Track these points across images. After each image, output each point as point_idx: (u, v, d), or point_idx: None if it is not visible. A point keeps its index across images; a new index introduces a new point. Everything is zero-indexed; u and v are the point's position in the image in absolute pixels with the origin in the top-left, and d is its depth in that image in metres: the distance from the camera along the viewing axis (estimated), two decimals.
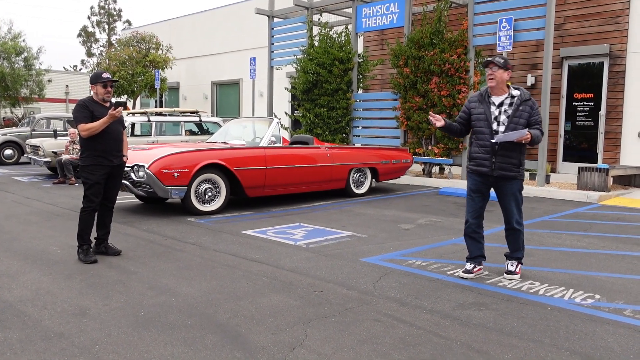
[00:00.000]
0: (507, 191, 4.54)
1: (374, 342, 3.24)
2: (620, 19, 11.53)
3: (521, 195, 4.61)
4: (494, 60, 4.42)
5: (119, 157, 5.26)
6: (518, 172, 4.49)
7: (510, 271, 4.61)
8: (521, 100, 4.41)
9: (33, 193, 9.74)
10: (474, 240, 4.69)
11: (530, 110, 4.40)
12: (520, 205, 4.60)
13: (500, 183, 4.52)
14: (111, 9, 52.12)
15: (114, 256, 5.23)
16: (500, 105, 4.46)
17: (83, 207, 5.14)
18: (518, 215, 4.59)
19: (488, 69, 4.45)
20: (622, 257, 5.39)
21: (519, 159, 4.48)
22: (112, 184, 5.30)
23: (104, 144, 5.09)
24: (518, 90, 4.47)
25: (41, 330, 3.40)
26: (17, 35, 25.24)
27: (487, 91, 4.54)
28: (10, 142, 16.06)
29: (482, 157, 4.51)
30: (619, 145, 11.64)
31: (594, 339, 3.31)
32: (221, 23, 22.02)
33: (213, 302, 3.94)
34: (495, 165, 4.45)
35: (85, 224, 5.12)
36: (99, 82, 5.12)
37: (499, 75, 4.41)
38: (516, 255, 4.65)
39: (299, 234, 6.33)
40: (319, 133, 13.34)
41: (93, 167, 5.09)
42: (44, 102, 28.25)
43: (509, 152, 4.43)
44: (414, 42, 11.81)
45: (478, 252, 4.68)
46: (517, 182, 4.53)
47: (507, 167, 4.45)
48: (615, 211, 8.22)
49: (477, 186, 4.60)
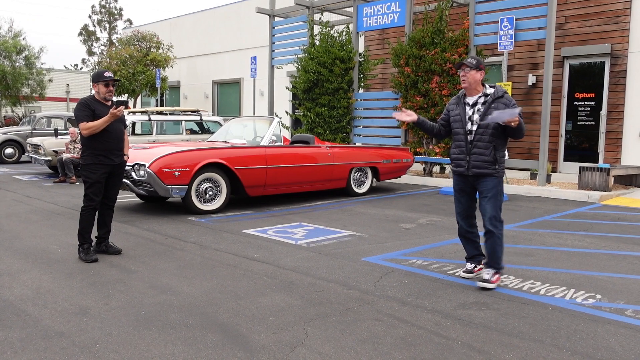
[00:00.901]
0: (483, 188, 4.39)
1: (374, 342, 3.24)
2: (622, 19, 11.52)
3: (501, 194, 4.38)
4: (466, 62, 4.37)
5: (120, 156, 5.26)
6: (494, 169, 4.34)
7: (486, 279, 4.31)
8: (494, 98, 4.35)
9: (34, 192, 9.74)
10: (469, 240, 4.62)
11: (504, 107, 4.30)
12: (498, 204, 4.34)
13: (477, 181, 4.42)
14: (112, 7, 52.10)
15: (114, 255, 5.23)
16: (474, 104, 4.42)
17: (84, 205, 5.14)
18: (492, 214, 4.30)
19: (460, 71, 4.40)
20: (623, 257, 5.38)
21: (494, 156, 4.33)
22: (112, 183, 5.29)
23: (105, 143, 5.09)
24: (493, 88, 4.42)
25: (42, 329, 3.40)
26: (18, 34, 25.24)
27: (464, 92, 4.51)
28: (11, 140, 16.07)
29: (458, 157, 4.48)
30: (620, 145, 11.64)
31: (595, 339, 3.31)
32: (222, 22, 22.02)
33: (214, 301, 3.94)
34: (470, 164, 4.39)
35: (85, 222, 5.11)
36: (101, 80, 5.12)
37: (471, 76, 4.36)
38: (492, 264, 4.36)
39: (299, 234, 6.33)
40: (319, 132, 13.34)
41: (94, 166, 5.08)
42: (44, 101, 28.25)
43: (481, 150, 4.34)
44: (415, 41, 11.80)
45: (475, 251, 4.62)
46: (493, 179, 4.35)
47: (481, 165, 4.34)
48: (617, 211, 8.21)
49: (459, 186, 4.55)
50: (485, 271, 4.40)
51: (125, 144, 5.36)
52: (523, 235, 6.33)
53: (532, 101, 12.77)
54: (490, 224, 4.31)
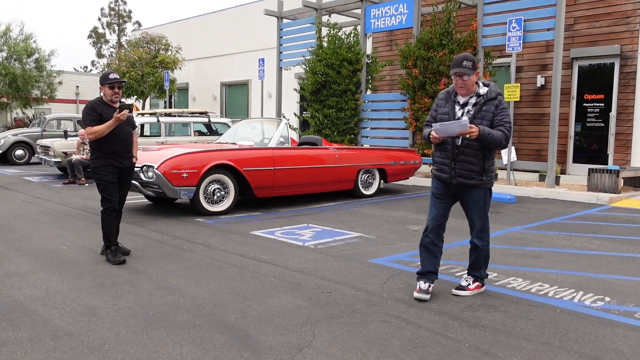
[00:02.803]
0: (469, 200, 4.07)
1: (382, 344, 3.24)
2: (631, 20, 11.44)
3: (488, 205, 4.11)
4: (463, 69, 3.88)
5: (128, 158, 5.26)
6: (481, 180, 3.99)
7: (461, 286, 4.18)
8: (486, 99, 3.96)
9: (43, 193, 9.81)
10: (430, 253, 4.15)
11: (494, 110, 3.94)
12: (485, 216, 4.10)
13: (462, 192, 4.07)
14: (121, 10, 52.44)
15: (123, 256, 5.25)
16: (465, 105, 4.03)
17: (103, 208, 5.13)
18: (480, 228, 4.09)
19: (458, 79, 3.95)
20: (632, 259, 5.34)
21: (482, 165, 3.97)
22: (121, 185, 5.29)
23: (112, 146, 5.08)
24: (486, 87, 4.03)
25: (51, 329, 3.42)
26: (29, 37, 25.43)
27: (454, 89, 4.09)
28: (21, 142, 16.20)
29: (442, 162, 4.08)
30: (630, 147, 11.55)
31: (604, 342, 3.29)
32: (230, 24, 22.09)
33: (221, 302, 3.95)
34: (455, 172, 4.00)
35: (108, 225, 5.11)
36: (107, 83, 5.09)
37: (470, 81, 3.95)
38: (473, 272, 4.21)
39: (307, 235, 6.33)
40: (327, 134, 13.35)
41: (104, 168, 5.08)
42: (54, 102, 28.45)
43: (469, 157, 3.95)
44: (422, 42, 11.79)
45: (432, 267, 4.15)
46: (480, 191, 4.03)
47: (467, 175, 3.97)
48: (626, 213, 8.15)
49: (439, 191, 4.14)
50: (464, 278, 4.26)
51: (134, 146, 5.36)
52: (531, 237, 6.30)
53: (541, 102, 12.71)
54: (477, 237, 4.12)
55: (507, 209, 8.37)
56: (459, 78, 3.94)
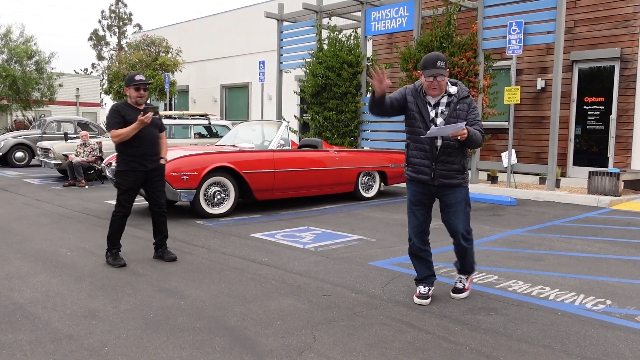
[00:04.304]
0: (451, 201, 3.95)
1: (382, 347, 3.23)
2: (631, 23, 11.45)
3: (468, 204, 4.01)
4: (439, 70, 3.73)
5: (154, 161, 5.14)
6: (463, 179, 3.93)
7: (458, 288, 4.16)
8: (458, 98, 3.86)
9: (43, 195, 9.80)
10: (421, 259, 4.14)
11: (467, 108, 3.86)
12: (467, 216, 4.01)
13: (443, 193, 3.95)
14: (122, 12, 52.53)
15: (169, 262, 5.15)
16: (437, 105, 3.88)
17: (114, 211, 5.10)
18: (464, 228, 3.99)
19: (432, 80, 3.78)
20: (633, 262, 5.34)
21: (462, 163, 3.92)
22: (153, 189, 5.21)
23: (137, 149, 5.00)
24: (455, 86, 3.91)
25: (51, 332, 3.41)
26: (29, 39, 25.46)
27: (422, 88, 3.91)
28: (21, 144, 16.21)
29: (421, 163, 3.93)
30: (630, 150, 11.55)
31: (605, 345, 3.28)
32: (230, 27, 22.11)
33: (222, 305, 3.94)
34: (436, 172, 3.88)
35: (115, 228, 5.07)
36: (132, 84, 5.03)
37: (444, 82, 3.83)
38: (464, 269, 4.18)
39: (307, 237, 6.32)
40: (327, 136, 13.34)
41: (127, 173, 5.02)
42: (54, 105, 28.48)
43: (450, 157, 3.87)
44: (423, 45, 11.79)
45: (428, 271, 4.14)
46: (462, 189, 3.95)
47: (450, 175, 3.88)
48: (627, 216, 8.15)
49: (417, 197, 4.01)
50: (458, 279, 4.21)
51: (162, 147, 5.27)
52: (532, 240, 6.29)
53: (541, 105, 12.72)
54: (463, 239, 4.01)
55: (508, 212, 8.36)
56: (434, 79, 3.79)
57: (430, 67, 3.76)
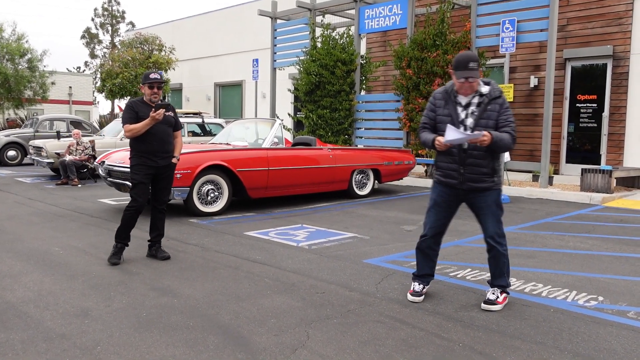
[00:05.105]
0: (481, 204, 3.86)
1: (376, 344, 3.23)
2: (624, 21, 11.50)
3: (500, 207, 3.90)
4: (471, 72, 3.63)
5: (165, 158, 5.19)
6: (493, 182, 3.81)
7: (490, 300, 3.86)
8: (489, 98, 3.74)
9: (36, 194, 9.75)
10: (427, 257, 4.07)
11: (499, 109, 3.74)
12: (499, 219, 3.89)
13: (471, 196, 3.87)
14: (115, 10, 52.28)
15: (162, 260, 5.15)
16: (468, 105, 3.79)
17: (127, 205, 5.16)
18: (496, 231, 3.87)
19: (464, 81, 3.70)
20: (625, 259, 5.37)
21: (492, 166, 3.80)
22: (159, 186, 5.29)
23: (147, 145, 5.09)
24: (488, 85, 3.80)
25: (43, 331, 3.40)
26: (21, 37, 25.31)
27: (453, 88, 3.84)
28: (14, 143, 16.11)
29: (449, 167, 3.86)
30: (623, 147, 11.61)
31: (597, 341, 3.30)
32: (224, 24, 22.05)
33: (215, 303, 3.94)
34: (464, 176, 3.80)
35: (124, 222, 5.12)
36: (146, 82, 5.14)
37: (477, 83, 3.74)
38: (499, 282, 3.93)
39: (301, 235, 6.32)
40: (321, 134, 13.34)
41: (138, 167, 5.12)
42: (47, 103, 28.33)
43: (479, 160, 3.76)
44: (416, 43, 11.81)
45: (429, 270, 4.09)
46: (492, 193, 3.84)
47: (478, 178, 3.79)
48: (619, 213, 8.19)
49: (443, 198, 3.95)
50: (491, 291, 3.94)
51: (175, 146, 5.31)
52: (525, 237, 6.31)
53: (534, 103, 12.76)
54: (494, 241, 3.86)
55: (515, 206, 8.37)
56: (465, 80, 3.69)
57: (462, 68, 3.66)
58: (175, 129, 5.34)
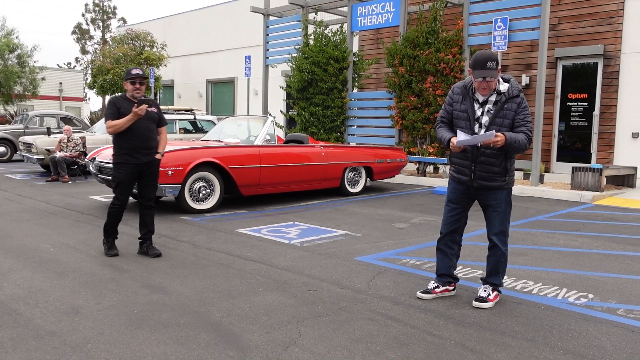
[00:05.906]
0: (490, 202, 3.86)
1: (367, 341, 3.23)
2: (615, 20, 11.57)
3: (509, 206, 3.89)
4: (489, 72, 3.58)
5: (147, 154, 5.15)
6: (504, 181, 3.79)
7: (481, 297, 3.87)
8: (507, 97, 3.69)
9: (26, 190, 9.68)
10: (445, 255, 4.07)
11: (516, 108, 3.69)
12: (506, 218, 3.88)
13: (482, 193, 3.87)
14: (106, 6, 51.89)
15: (153, 258, 5.13)
16: (485, 103, 3.75)
17: (111, 204, 5.19)
18: (500, 229, 3.87)
19: (482, 81, 3.65)
20: (615, 256, 5.41)
21: (505, 166, 3.76)
22: (144, 182, 5.25)
23: (129, 142, 5.06)
24: (507, 83, 3.74)
25: (33, 328, 3.37)
26: (10, 32, 25.09)
27: (471, 83, 3.79)
28: (3, 139, 15.97)
29: (461, 164, 3.87)
30: (613, 146, 11.69)
31: (587, 338, 3.32)
32: (216, 21, 21.97)
33: (206, 300, 3.93)
34: (475, 174, 3.80)
35: (109, 218, 5.18)
36: (128, 78, 5.10)
37: (495, 82, 3.68)
38: (492, 280, 3.94)
39: (293, 233, 6.32)
40: (313, 132, 13.33)
41: (120, 165, 5.10)
42: (37, 99, 28.12)
43: (491, 159, 3.74)
44: (409, 41, 11.82)
45: (445, 269, 4.06)
46: (502, 192, 3.83)
47: (489, 177, 3.77)
48: (609, 211, 8.25)
49: (455, 195, 3.96)
50: (482, 288, 3.96)
51: (160, 142, 5.29)
52: (516, 235, 6.34)
53: None
54: (497, 239, 3.87)
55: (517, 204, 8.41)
56: (483, 80, 3.63)
57: (480, 67, 3.60)
58: (159, 125, 5.32)
